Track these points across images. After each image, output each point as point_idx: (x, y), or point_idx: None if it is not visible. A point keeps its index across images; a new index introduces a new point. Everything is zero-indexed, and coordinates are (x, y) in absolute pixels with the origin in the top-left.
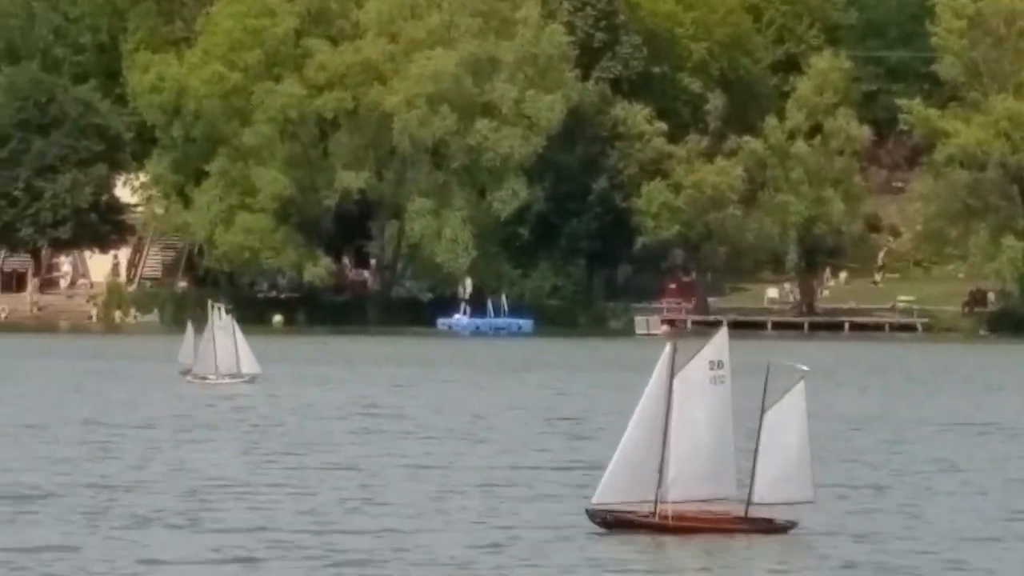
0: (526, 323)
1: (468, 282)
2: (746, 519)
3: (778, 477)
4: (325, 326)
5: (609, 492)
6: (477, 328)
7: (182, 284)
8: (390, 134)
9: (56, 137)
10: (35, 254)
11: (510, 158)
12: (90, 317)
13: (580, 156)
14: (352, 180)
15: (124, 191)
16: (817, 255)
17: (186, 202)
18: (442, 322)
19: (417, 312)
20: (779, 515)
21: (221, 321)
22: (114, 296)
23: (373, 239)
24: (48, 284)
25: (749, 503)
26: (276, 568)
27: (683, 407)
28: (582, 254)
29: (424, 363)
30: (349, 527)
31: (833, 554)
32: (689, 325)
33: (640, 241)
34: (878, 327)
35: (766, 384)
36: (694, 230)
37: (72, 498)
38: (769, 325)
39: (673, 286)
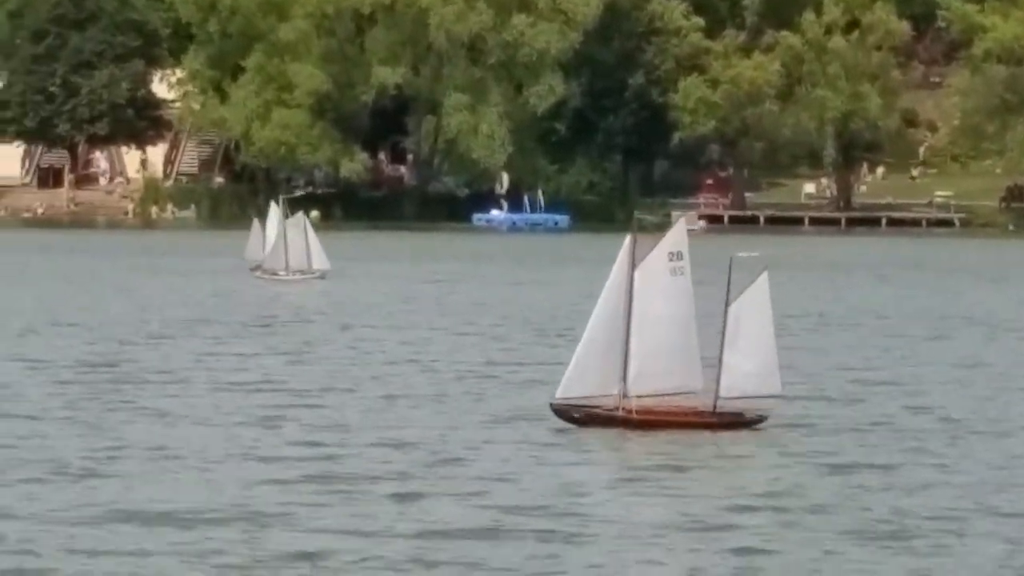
0: (563, 218)
1: (505, 177)
2: (714, 413)
3: (745, 371)
4: (361, 222)
5: (573, 386)
6: (514, 223)
7: (219, 180)
8: (426, 29)
9: (92, 33)
10: (72, 150)
11: (546, 53)
12: (126, 213)
13: (617, 51)
14: (388, 76)
15: (161, 87)
16: (854, 150)
17: (222, 97)
18: (478, 217)
19: (454, 207)
20: (748, 409)
21: (292, 218)
22: (151, 192)
23: (409, 135)
24: (84, 180)
25: (717, 397)
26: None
27: (643, 299)
28: (618, 150)
29: (476, 257)
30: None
31: (802, 449)
32: (726, 221)
33: (676, 137)
34: (915, 222)
35: (729, 278)
36: (731, 125)
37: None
38: (806, 221)
39: (710, 181)
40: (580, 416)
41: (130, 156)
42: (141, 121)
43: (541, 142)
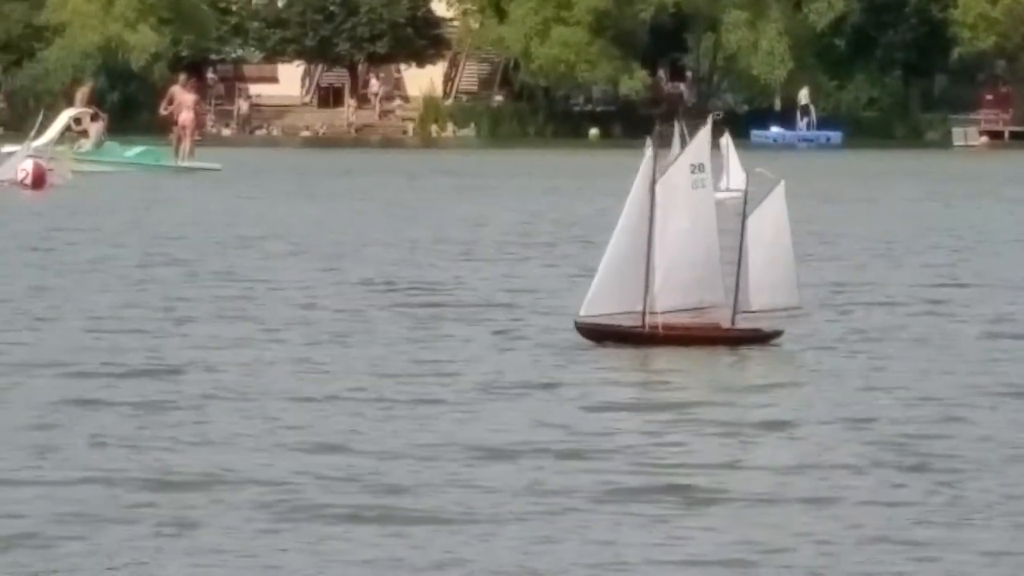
0: (835, 135)
1: (805, 92)
2: (733, 329)
3: (762, 284)
4: (641, 139)
5: (597, 304)
6: (786, 140)
7: (498, 98)
8: None
9: None
10: (351, 69)
11: None
12: (404, 132)
13: None
14: None
15: (440, 5)
16: None
17: (501, 16)
18: (756, 134)
19: (733, 125)
20: (765, 324)
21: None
22: (431, 111)
23: (688, 52)
24: (363, 99)
25: (735, 312)
26: None
27: (666, 213)
28: (898, 65)
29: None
30: None
31: (817, 364)
32: (1007, 136)
33: (956, 52)
34: None
35: (746, 192)
36: (1011, 41)
37: None
38: None
39: (990, 97)
40: (603, 333)
41: (409, 74)
42: (420, 40)
43: (820, 58)
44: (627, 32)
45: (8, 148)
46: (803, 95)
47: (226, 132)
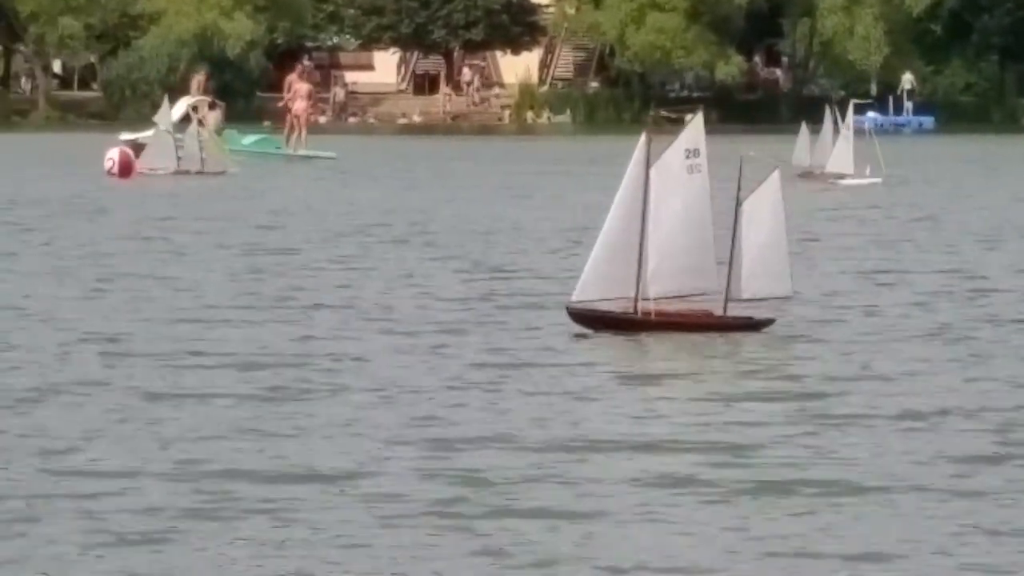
0: (928, 120)
1: (910, 76)
2: (725, 316)
3: (755, 272)
4: (737, 124)
5: (589, 289)
6: (880, 125)
7: (593, 84)
8: None
9: None
10: (447, 56)
11: None
12: (499, 119)
13: None
14: None
15: None
16: None
17: (597, 2)
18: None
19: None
20: (756, 311)
21: (843, 124)
22: (526, 97)
23: (784, 37)
24: (458, 87)
25: (727, 300)
26: None
27: (660, 198)
28: (994, 50)
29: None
30: None
31: (808, 353)
32: None
33: None
34: None
35: (740, 177)
36: None
37: None
38: None
39: None
40: (596, 319)
41: (505, 61)
42: (516, 27)
43: (916, 43)
44: (723, 17)
45: (127, 135)
46: (907, 79)
47: (321, 120)
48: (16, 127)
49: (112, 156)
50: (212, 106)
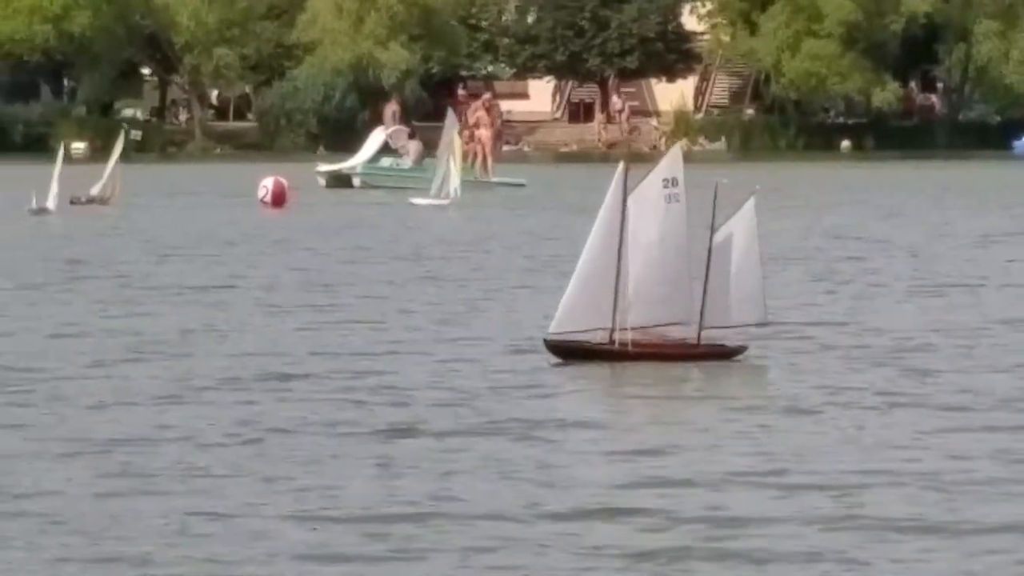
0: None
1: None
2: (699, 345)
3: (729, 300)
4: (893, 151)
5: (566, 321)
6: None
7: (749, 111)
8: None
9: None
10: (602, 84)
11: None
12: (654, 147)
13: None
14: (918, 4)
15: (690, 19)
16: None
17: (752, 29)
18: (1017, 144)
19: (985, 135)
20: (730, 340)
21: None
22: (681, 124)
23: (940, 63)
24: (611, 115)
25: (701, 328)
26: None
27: (638, 228)
28: None
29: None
30: None
31: (780, 381)
32: None
33: None
34: None
35: (715, 204)
36: None
37: None
38: None
39: None
40: (572, 350)
41: (660, 88)
42: (671, 54)
43: None
44: (878, 44)
45: (324, 167)
46: None
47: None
48: (172, 158)
49: (266, 184)
50: (412, 135)
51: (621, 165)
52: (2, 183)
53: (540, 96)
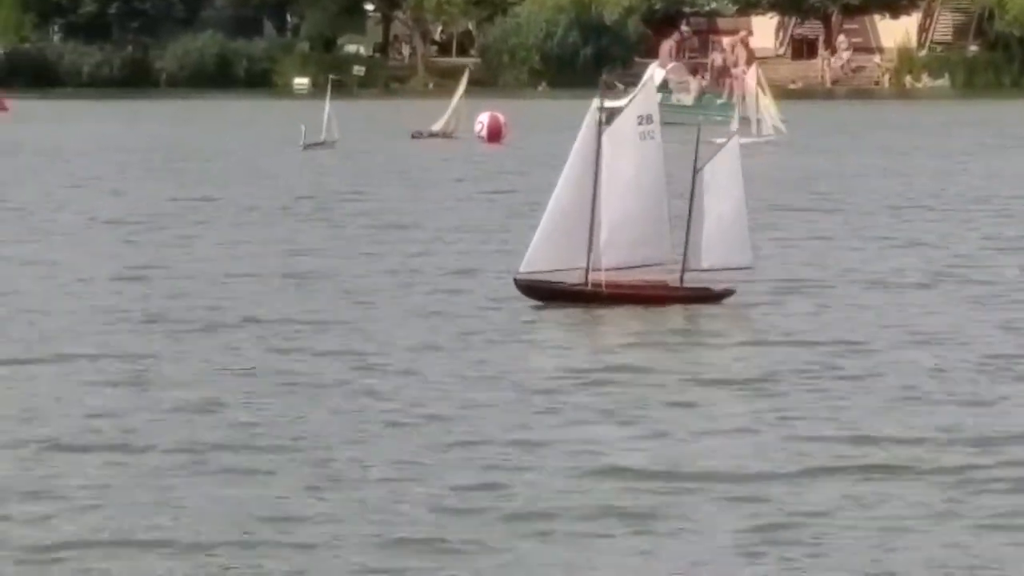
0: None
1: None
2: (682, 287)
3: (713, 242)
4: None
5: (538, 259)
6: None
7: (972, 48)
8: None
9: None
10: (825, 20)
11: None
12: (876, 83)
13: None
14: None
15: None
16: None
17: None
18: None
19: None
20: (716, 282)
21: None
22: (905, 62)
23: None
24: (835, 51)
25: (684, 270)
26: None
27: (613, 165)
28: None
29: None
30: None
31: (772, 325)
32: None
33: None
34: None
35: (697, 144)
36: None
37: None
38: None
39: None
40: (545, 291)
41: (883, 25)
42: None
43: None
44: None
45: (607, 103)
46: None
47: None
48: (395, 93)
49: (482, 120)
50: (694, 71)
51: (595, 101)
52: (247, 118)
53: (763, 32)
